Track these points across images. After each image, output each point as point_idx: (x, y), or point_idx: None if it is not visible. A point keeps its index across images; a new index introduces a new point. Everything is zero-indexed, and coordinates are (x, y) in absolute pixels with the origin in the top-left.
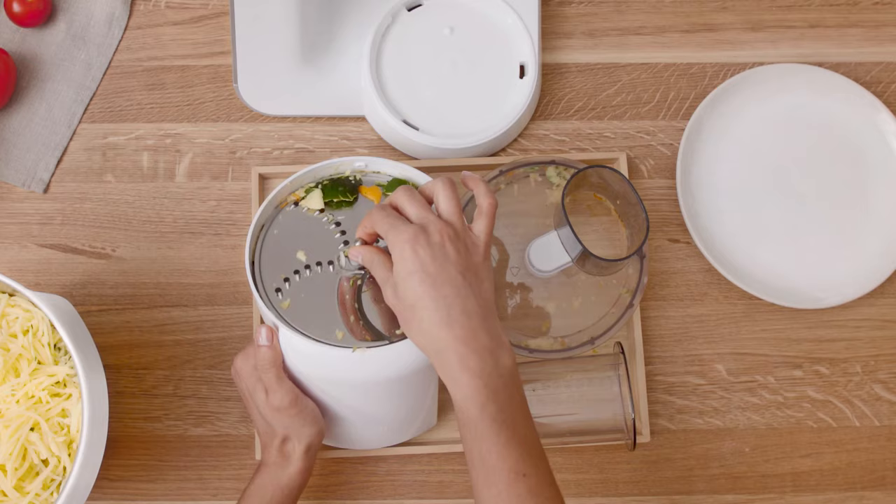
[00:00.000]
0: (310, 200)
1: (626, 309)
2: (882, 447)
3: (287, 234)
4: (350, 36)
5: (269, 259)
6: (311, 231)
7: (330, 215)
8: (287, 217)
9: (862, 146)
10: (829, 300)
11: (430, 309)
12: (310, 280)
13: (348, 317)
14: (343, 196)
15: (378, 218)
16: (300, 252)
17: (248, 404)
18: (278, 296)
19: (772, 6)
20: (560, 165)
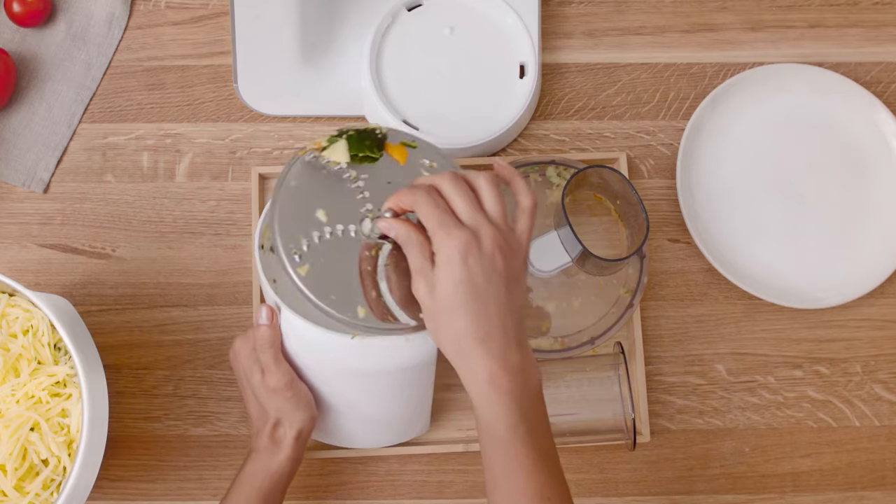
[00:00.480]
0: (333, 151)
1: (626, 309)
2: (882, 447)
3: (306, 188)
4: (350, 36)
5: (286, 215)
6: (332, 187)
7: (352, 171)
8: (307, 168)
9: (862, 146)
10: (829, 300)
11: (469, 322)
12: (330, 244)
13: (370, 292)
14: (369, 151)
15: (425, 206)
16: (320, 211)
17: (242, 387)
18: (296, 258)
19: (772, 6)
20: (560, 165)
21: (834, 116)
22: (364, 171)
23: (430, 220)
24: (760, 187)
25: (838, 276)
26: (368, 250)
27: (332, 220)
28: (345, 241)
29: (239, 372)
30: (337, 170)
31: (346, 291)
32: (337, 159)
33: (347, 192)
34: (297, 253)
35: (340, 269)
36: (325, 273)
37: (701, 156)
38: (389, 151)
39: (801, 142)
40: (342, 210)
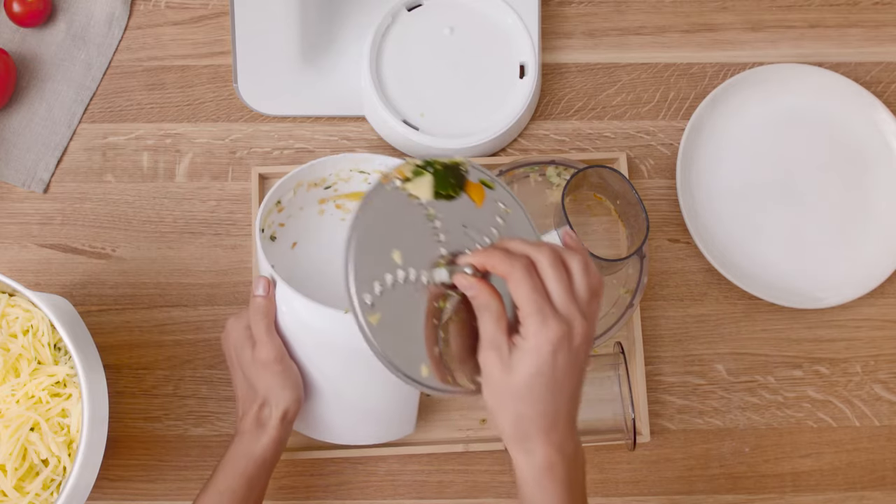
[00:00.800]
0: (418, 186)
1: (626, 309)
2: (882, 447)
3: (384, 223)
4: (350, 36)
5: (362, 254)
6: (410, 224)
7: (431, 208)
8: (387, 198)
9: (862, 146)
10: (829, 300)
11: (538, 412)
12: (401, 290)
13: (432, 348)
14: (452, 190)
15: (524, 286)
16: (396, 252)
17: (232, 367)
18: (368, 304)
19: (772, 6)
20: (560, 165)
21: (834, 116)
22: (441, 209)
23: (526, 303)
24: (760, 187)
25: (838, 276)
26: (436, 301)
27: (406, 262)
28: (415, 287)
29: (229, 350)
30: (416, 205)
31: (411, 346)
32: (419, 195)
33: (423, 231)
34: (369, 299)
35: (408, 320)
36: (394, 324)
37: (701, 156)
38: (468, 190)
39: (801, 142)
40: (417, 252)
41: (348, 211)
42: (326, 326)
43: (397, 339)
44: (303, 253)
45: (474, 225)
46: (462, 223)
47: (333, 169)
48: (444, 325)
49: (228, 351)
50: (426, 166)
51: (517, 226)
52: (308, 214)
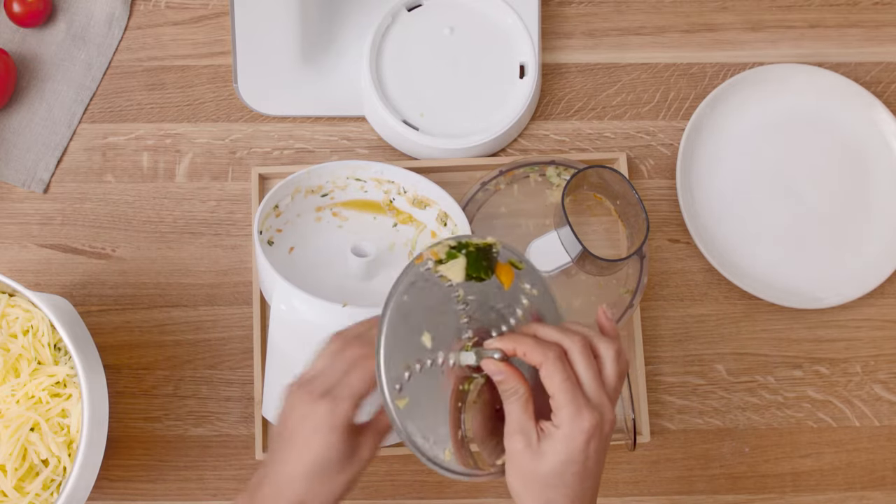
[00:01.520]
0: (450, 269)
1: (626, 309)
2: (882, 447)
3: (415, 306)
4: (350, 36)
5: (393, 334)
6: (440, 307)
7: (461, 290)
8: (419, 279)
9: (862, 146)
10: (829, 300)
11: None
12: (428, 374)
13: (455, 432)
14: (483, 273)
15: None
16: (426, 335)
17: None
18: (397, 389)
19: (772, 6)
20: (560, 165)
21: (834, 116)
22: (470, 290)
23: (560, 393)
24: (760, 187)
25: (838, 276)
26: (461, 384)
27: (435, 346)
28: (441, 370)
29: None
30: (447, 287)
31: (436, 429)
32: (451, 277)
33: (452, 314)
34: (398, 384)
35: (434, 404)
36: (421, 407)
37: (701, 156)
38: (497, 272)
39: (801, 142)
40: (445, 335)
41: (345, 219)
42: (326, 321)
43: (423, 423)
44: (300, 258)
45: (501, 306)
46: (490, 304)
47: (331, 176)
48: (466, 407)
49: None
50: (460, 248)
51: (543, 307)
52: (305, 221)
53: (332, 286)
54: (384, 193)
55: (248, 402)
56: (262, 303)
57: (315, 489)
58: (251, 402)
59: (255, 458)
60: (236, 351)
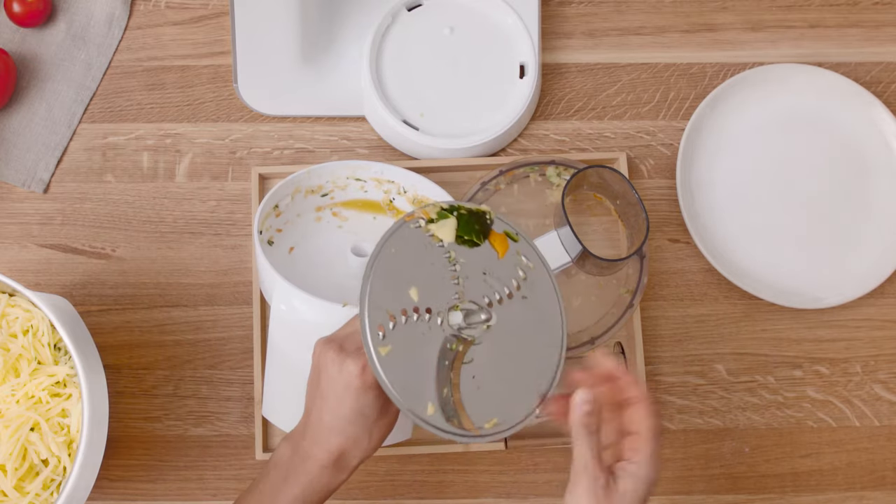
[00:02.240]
0: (441, 228)
1: (626, 309)
2: (882, 447)
3: (404, 259)
4: (350, 36)
5: (380, 283)
6: (430, 265)
7: (452, 252)
8: (410, 236)
9: (862, 146)
10: (829, 300)
11: None
12: (414, 327)
13: (441, 388)
14: (475, 237)
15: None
16: (413, 288)
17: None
18: (380, 336)
19: (772, 6)
20: (560, 165)
21: (834, 116)
22: (462, 254)
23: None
24: (760, 187)
25: (838, 276)
26: (449, 343)
27: (423, 300)
28: (429, 327)
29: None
30: (437, 247)
31: (420, 383)
32: (442, 237)
33: (443, 273)
34: (381, 331)
35: (419, 358)
36: (405, 359)
37: (701, 156)
38: (491, 240)
39: (801, 142)
40: (434, 292)
41: (345, 219)
42: (326, 321)
43: (407, 375)
44: (300, 258)
45: (494, 274)
46: (482, 270)
47: (331, 176)
48: (455, 366)
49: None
50: (451, 210)
51: (539, 283)
52: (305, 221)
53: (332, 286)
54: (384, 193)
55: (248, 402)
56: (262, 303)
57: (357, 438)
58: (251, 402)
59: (255, 458)
60: (236, 351)
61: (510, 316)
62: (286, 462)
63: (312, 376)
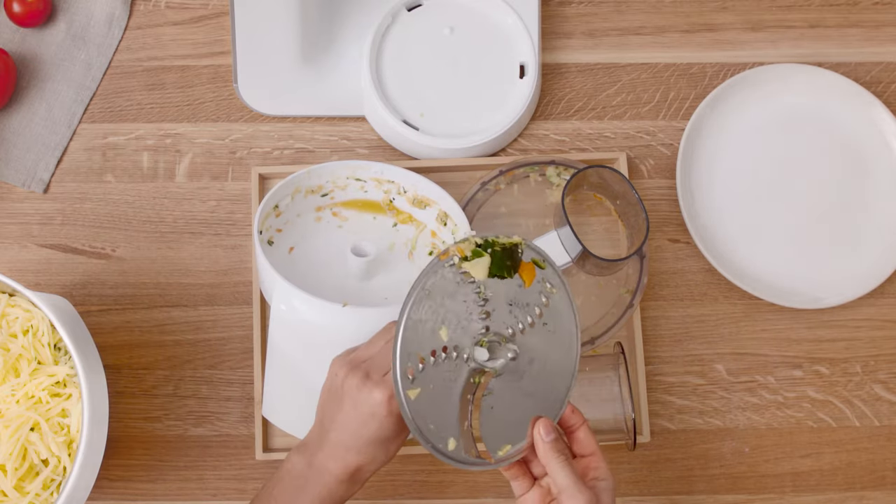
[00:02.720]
0: (475, 267)
1: (626, 309)
2: (882, 447)
3: (437, 299)
4: (350, 36)
5: (412, 327)
6: (460, 302)
7: (482, 286)
8: (443, 275)
9: (862, 146)
10: (829, 300)
11: None
12: (442, 367)
13: (462, 422)
14: (507, 272)
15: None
16: (443, 329)
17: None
18: (409, 379)
19: (772, 6)
20: (560, 165)
21: (834, 116)
22: (491, 287)
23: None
24: (760, 187)
25: (838, 276)
26: (472, 377)
27: (451, 339)
28: (455, 364)
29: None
30: (469, 283)
31: (444, 420)
32: (475, 275)
33: (471, 309)
34: (411, 374)
35: (444, 396)
36: (431, 398)
37: (701, 156)
38: (520, 270)
39: (801, 142)
40: (462, 329)
41: (345, 219)
42: (326, 321)
43: (432, 413)
44: (300, 258)
45: (520, 303)
46: (508, 301)
47: (331, 176)
48: (476, 399)
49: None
50: (486, 247)
51: (560, 307)
52: (305, 221)
53: (331, 286)
54: (384, 193)
55: (248, 402)
56: (262, 303)
57: (373, 456)
58: (251, 402)
59: (255, 459)
60: (236, 351)
61: (531, 344)
62: (301, 473)
63: (331, 396)
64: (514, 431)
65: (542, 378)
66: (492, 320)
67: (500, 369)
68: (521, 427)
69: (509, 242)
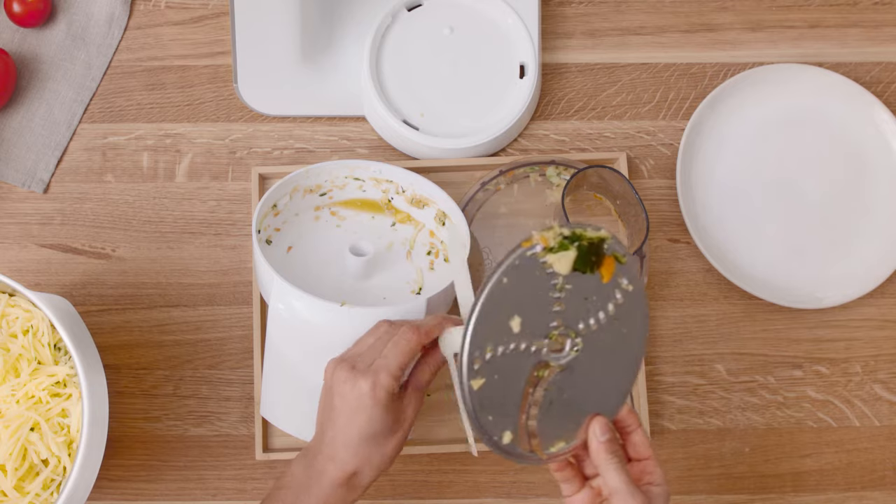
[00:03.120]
0: (559, 260)
1: None
2: (882, 447)
3: (512, 288)
4: (350, 36)
5: (485, 316)
6: (536, 294)
7: (562, 279)
8: (523, 263)
9: (862, 146)
10: (829, 300)
11: None
12: (508, 358)
13: (521, 415)
14: (590, 269)
15: (647, 438)
16: (516, 319)
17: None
18: (475, 368)
19: (772, 6)
20: (560, 165)
21: (834, 116)
22: (571, 281)
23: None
24: (760, 187)
25: (838, 276)
26: (538, 371)
27: (522, 331)
28: (522, 356)
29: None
30: (549, 274)
31: (504, 412)
32: (559, 269)
33: (547, 301)
34: (477, 362)
35: (507, 388)
36: (494, 389)
37: (701, 156)
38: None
39: (800, 142)
40: (535, 322)
41: (343, 218)
42: (324, 321)
43: (492, 405)
44: (298, 257)
45: (594, 298)
46: (584, 296)
47: (329, 175)
48: (536, 394)
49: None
50: (572, 240)
51: (633, 306)
52: (303, 220)
53: (330, 285)
54: (382, 193)
55: (248, 402)
56: (262, 303)
57: (369, 456)
58: (251, 402)
59: (255, 459)
60: (236, 351)
61: (598, 340)
62: (300, 480)
63: (325, 395)
64: (570, 428)
65: (604, 376)
66: (565, 314)
67: (567, 364)
68: (576, 424)
69: (597, 237)
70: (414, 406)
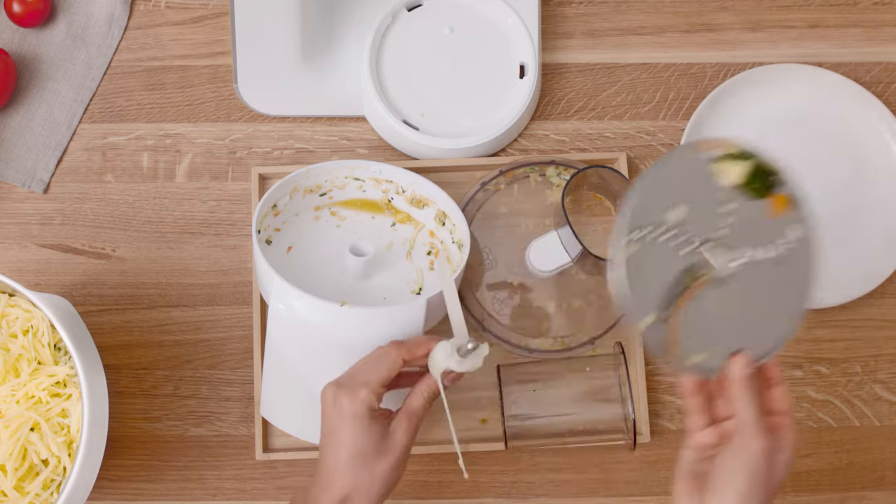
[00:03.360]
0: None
1: None
2: (882, 447)
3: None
4: (350, 36)
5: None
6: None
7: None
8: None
9: (862, 146)
10: (830, 300)
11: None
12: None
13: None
14: (757, 191)
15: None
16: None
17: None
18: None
19: (772, 6)
20: (560, 165)
21: (834, 116)
22: (735, 199)
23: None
24: None
25: (838, 276)
26: (692, 272)
27: (684, 222)
28: (678, 248)
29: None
30: (717, 182)
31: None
32: (729, 177)
33: (709, 209)
34: (637, 234)
35: (658, 270)
36: (644, 264)
37: None
38: (772, 198)
39: (800, 142)
40: (697, 220)
41: (343, 219)
42: (324, 321)
43: (641, 279)
44: (298, 257)
45: (759, 230)
46: (748, 222)
47: (329, 175)
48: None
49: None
50: (749, 156)
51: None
52: (303, 220)
53: (330, 285)
54: (382, 193)
55: (248, 402)
56: (262, 303)
57: (356, 478)
58: (251, 402)
59: (254, 459)
60: (236, 351)
61: (758, 274)
62: None
63: (321, 421)
64: (713, 347)
65: (755, 313)
66: (727, 229)
67: (721, 279)
68: (720, 347)
69: (773, 167)
70: (405, 430)
